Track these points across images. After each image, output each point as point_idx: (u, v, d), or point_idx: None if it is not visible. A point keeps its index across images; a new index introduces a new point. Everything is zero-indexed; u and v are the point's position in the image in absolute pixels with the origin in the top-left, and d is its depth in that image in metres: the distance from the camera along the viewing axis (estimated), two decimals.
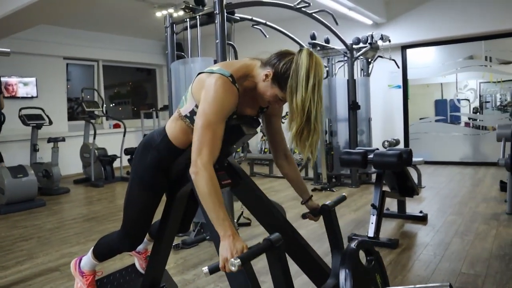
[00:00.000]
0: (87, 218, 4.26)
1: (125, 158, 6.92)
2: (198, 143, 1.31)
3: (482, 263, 2.60)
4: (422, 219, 3.61)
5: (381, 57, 5.94)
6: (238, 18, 3.53)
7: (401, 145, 6.40)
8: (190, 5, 3.39)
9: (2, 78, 6.46)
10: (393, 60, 6.00)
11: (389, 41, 5.70)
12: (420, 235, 3.28)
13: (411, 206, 4.02)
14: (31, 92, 6.83)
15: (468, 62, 6.96)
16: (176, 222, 1.71)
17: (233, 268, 1.15)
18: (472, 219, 3.62)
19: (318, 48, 5.60)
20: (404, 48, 7.20)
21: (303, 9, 4.32)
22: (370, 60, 5.94)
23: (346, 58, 5.62)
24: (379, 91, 7.08)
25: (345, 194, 1.78)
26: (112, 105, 8.97)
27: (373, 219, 3.07)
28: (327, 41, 5.66)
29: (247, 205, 1.70)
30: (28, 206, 4.75)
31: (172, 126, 1.54)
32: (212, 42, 3.19)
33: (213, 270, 1.19)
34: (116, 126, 8.12)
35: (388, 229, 3.43)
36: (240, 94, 1.39)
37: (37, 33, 6.35)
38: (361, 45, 5.61)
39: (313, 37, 5.44)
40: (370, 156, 3.33)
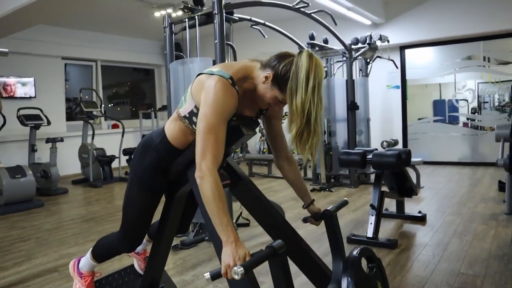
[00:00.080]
0: (85, 219, 4.25)
1: (124, 158, 6.93)
2: (201, 147, 1.31)
3: (480, 263, 2.60)
4: (420, 219, 3.61)
5: (379, 57, 5.95)
6: (237, 18, 3.54)
7: (400, 145, 6.39)
8: (189, 5, 3.39)
9: (0, 79, 6.47)
10: (391, 60, 6.01)
11: (388, 41, 5.71)
12: (419, 235, 3.29)
13: (409, 206, 4.02)
14: (29, 92, 6.81)
15: (466, 62, 6.97)
16: (175, 222, 1.71)
17: (236, 277, 1.13)
18: (470, 219, 3.63)
19: (317, 48, 5.61)
20: (402, 48, 7.20)
21: (301, 9, 4.32)
22: (368, 60, 5.95)
23: (344, 58, 5.62)
24: (377, 91, 7.08)
25: (346, 198, 1.76)
26: (110, 105, 8.95)
27: (372, 219, 3.08)
28: (326, 41, 5.67)
29: (246, 206, 1.70)
30: (26, 207, 4.73)
31: (171, 127, 1.54)
32: (210, 42, 3.19)
33: (215, 276, 1.18)
34: (115, 126, 8.11)
35: (387, 229, 3.44)
36: (239, 96, 1.38)
37: (35, 33, 6.35)
38: (360, 45, 5.62)
39: (312, 37, 5.45)
40: (369, 156, 3.33)
